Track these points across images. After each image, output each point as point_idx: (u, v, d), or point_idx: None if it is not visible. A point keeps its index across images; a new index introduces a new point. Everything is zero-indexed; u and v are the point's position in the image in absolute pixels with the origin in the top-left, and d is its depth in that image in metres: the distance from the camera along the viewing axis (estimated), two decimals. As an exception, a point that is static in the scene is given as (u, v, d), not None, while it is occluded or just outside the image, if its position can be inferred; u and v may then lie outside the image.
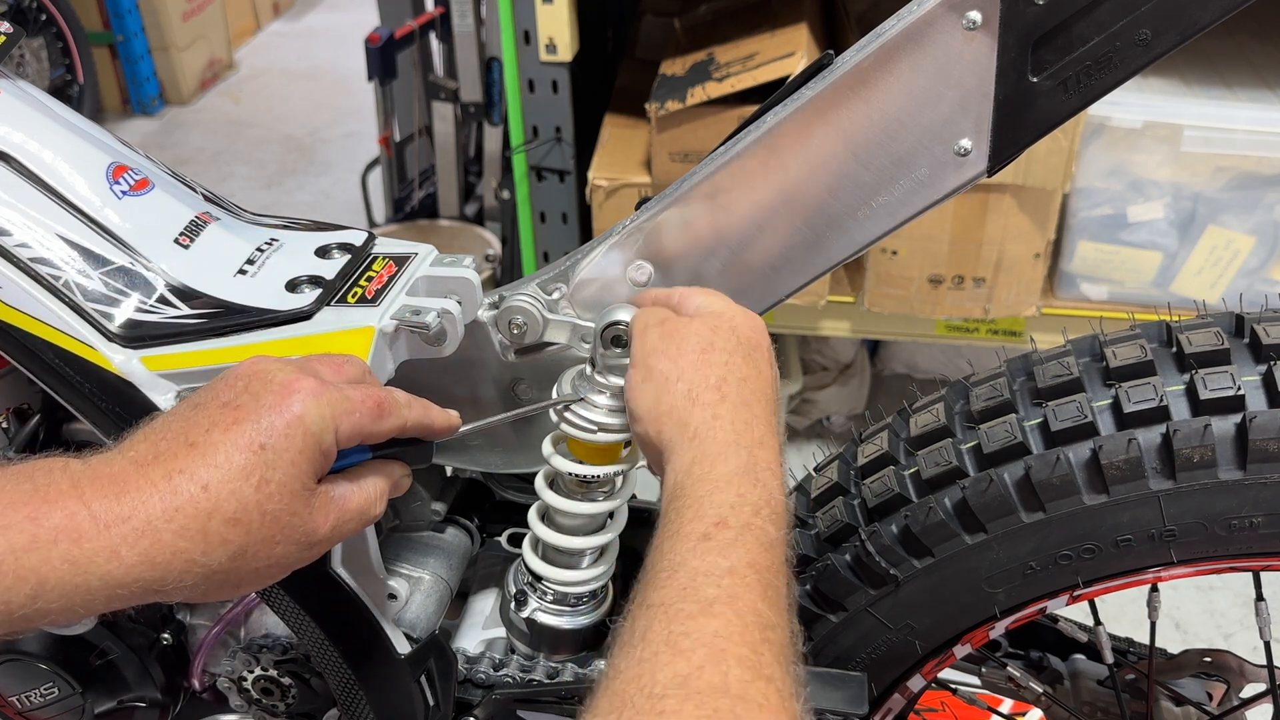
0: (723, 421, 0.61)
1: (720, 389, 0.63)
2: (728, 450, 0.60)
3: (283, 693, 0.88)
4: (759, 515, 0.57)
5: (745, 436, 0.61)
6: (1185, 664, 0.93)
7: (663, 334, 0.66)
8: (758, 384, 0.64)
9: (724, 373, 0.63)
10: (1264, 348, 0.70)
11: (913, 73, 0.65)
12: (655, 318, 0.68)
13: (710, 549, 0.54)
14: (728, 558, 0.54)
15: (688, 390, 0.63)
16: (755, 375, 0.64)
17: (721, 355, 0.64)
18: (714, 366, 0.63)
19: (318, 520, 0.58)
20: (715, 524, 0.55)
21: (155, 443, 0.56)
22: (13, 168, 0.71)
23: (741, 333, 0.66)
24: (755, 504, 0.57)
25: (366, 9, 2.83)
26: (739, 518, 0.56)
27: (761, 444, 0.61)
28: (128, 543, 0.53)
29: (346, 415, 0.59)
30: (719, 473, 0.58)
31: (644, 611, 0.53)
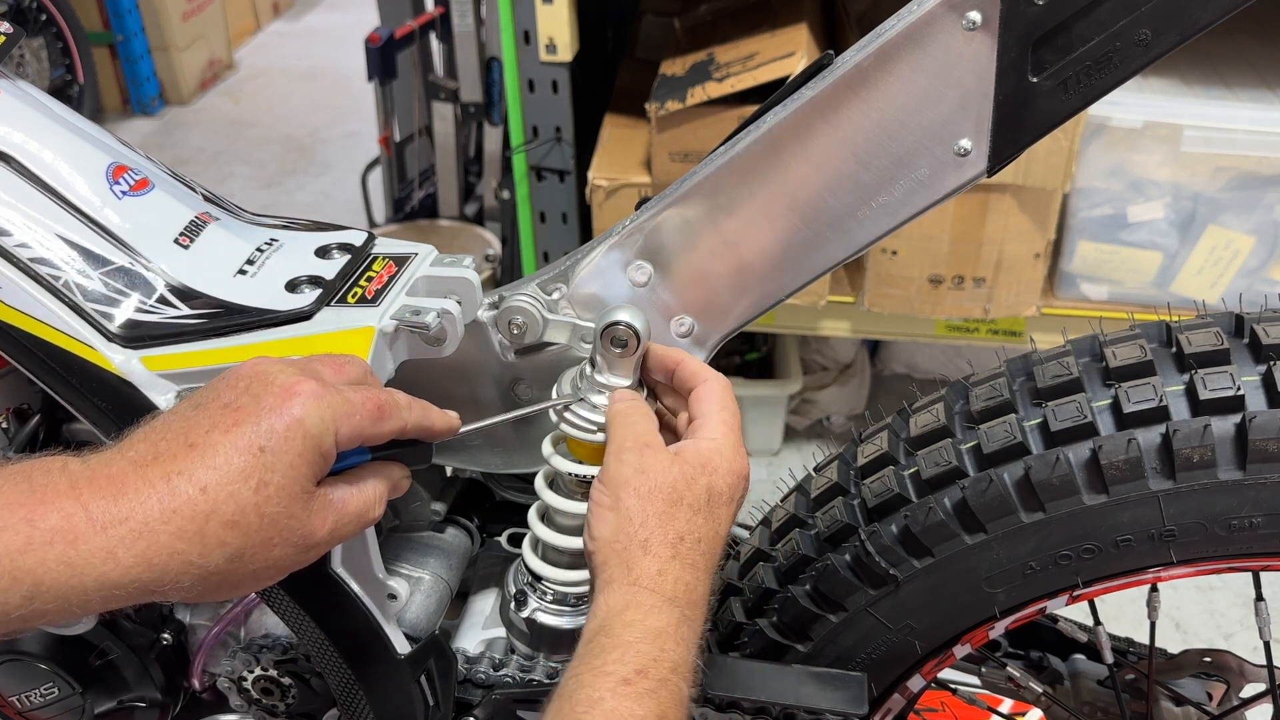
0: (667, 579, 0.63)
1: (676, 547, 0.65)
2: (663, 606, 0.62)
3: (283, 693, 0.88)
4: (676, 673, 0.60)
5: (683, 597, 0.63)
6: (1185, 664, 0.93)
7: (640, 467, 0.67)
8: (712, 545, 0.67)
9: (684, 530, 0.65)
10: (1264, 348, 0.70)
11: (913, 73, 0.65)
12: (638, 438, 0.68)
13: (628, 693, 0.58)
14: (644, 706, 0.57)
15: (645, 539, 0.64)
16: (712, 536, 0.67)
17: (687, 513, 0.66)
18: (677, 522, 0.65)
19: (316, 523, 0.58)
20: (637, 671, 0.59)
21: (155, 443, 0.56)
22: (13, 168, 0.71)
23: (716, 488, 0.67)
24: (675, 662, 0.60)
25: (366, 9, 2.83)
26: (659, 671, 0.59)
27: (695, 605, 0.64)
28: (124, 544, 0.53)
29: (347, 418, 0.59)
30: (650, 624, 0.61)
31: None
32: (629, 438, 0.68)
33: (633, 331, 0.71)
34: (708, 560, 0.66)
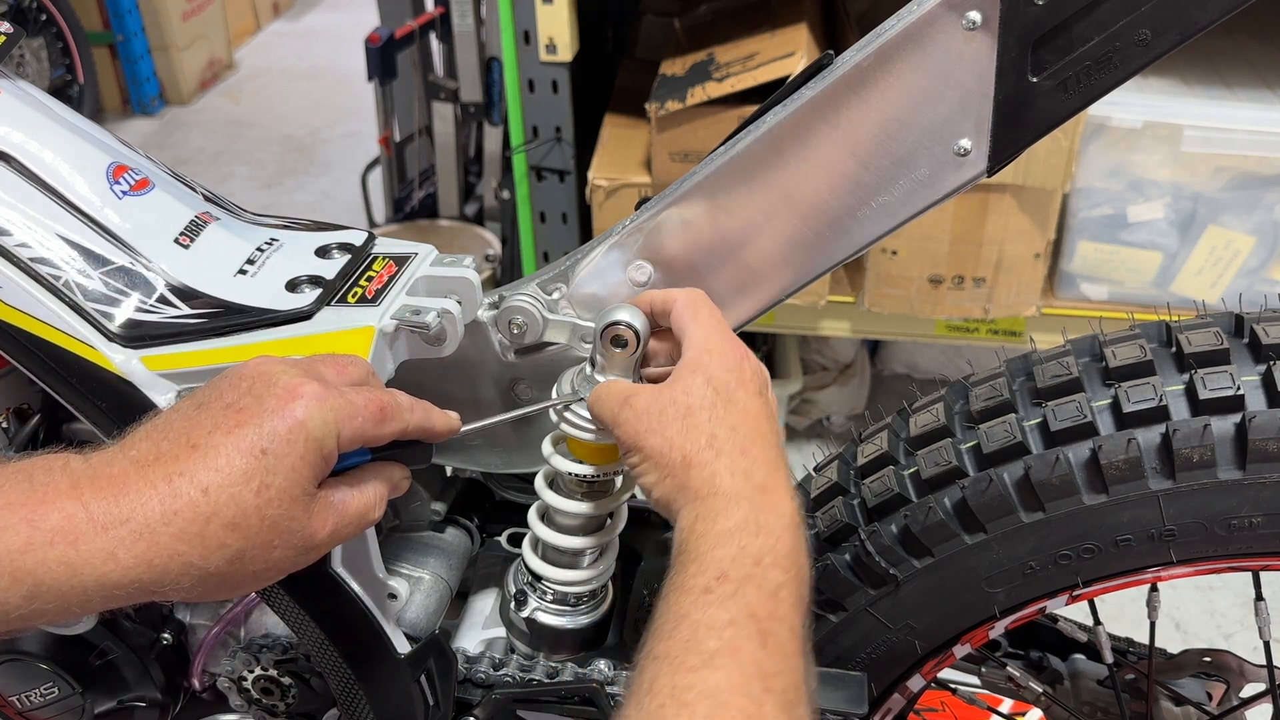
0: (721, 477, 0.62)
1: (713, 445, 0.63)
2: (728, 505, 0.60)
3: (283, 692, 0.88)
4: (760, 565, 0.58)
5: (745, 486, 0.61)
6: (1185, 664, 0.93)
7: (636, 413, 0.66)
8: (750, 425, 0.64)
9: (712, 429, 0.63)
10: (1263, 348, 0.70)
11: (913, 73, 0.65)
12: (617, 398, 0.68)
13: (711, 602, 0.56)
14: (728, 610, 0.55)
15: (682, 458, 0.63)
16: (744, 418, 0.64)
17: (704, 414, 0.64)
18: (700, 427, 0.64)
19: (316, 525, 0.58)
20: (717, 578, 0.57)
21: (157, 442, 0.56)
22: (13, 168, 0.71)
23: (718, 379, 0.65)
24: (756, 554, 0.58)
25: (366, 9, 2.83)
26: (740, 570, 0.57)
27: (763, 489, 0.62)
28: (125, 545, 0.53)
29: (349, 420, 0.59)
30: (720, 529, 0.59)
31: (651, 663, 0.55)
32: (609, 407, 0.68)
33: (633, 331, 0.71)
34: (756, 438, 0.64)
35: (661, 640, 0.55)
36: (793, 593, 0.58)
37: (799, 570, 0.60)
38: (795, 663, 0.55)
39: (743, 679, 0.52)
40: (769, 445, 0.64)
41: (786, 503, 0.62)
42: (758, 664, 0.53)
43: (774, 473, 0.63)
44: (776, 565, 0.58)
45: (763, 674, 0.53)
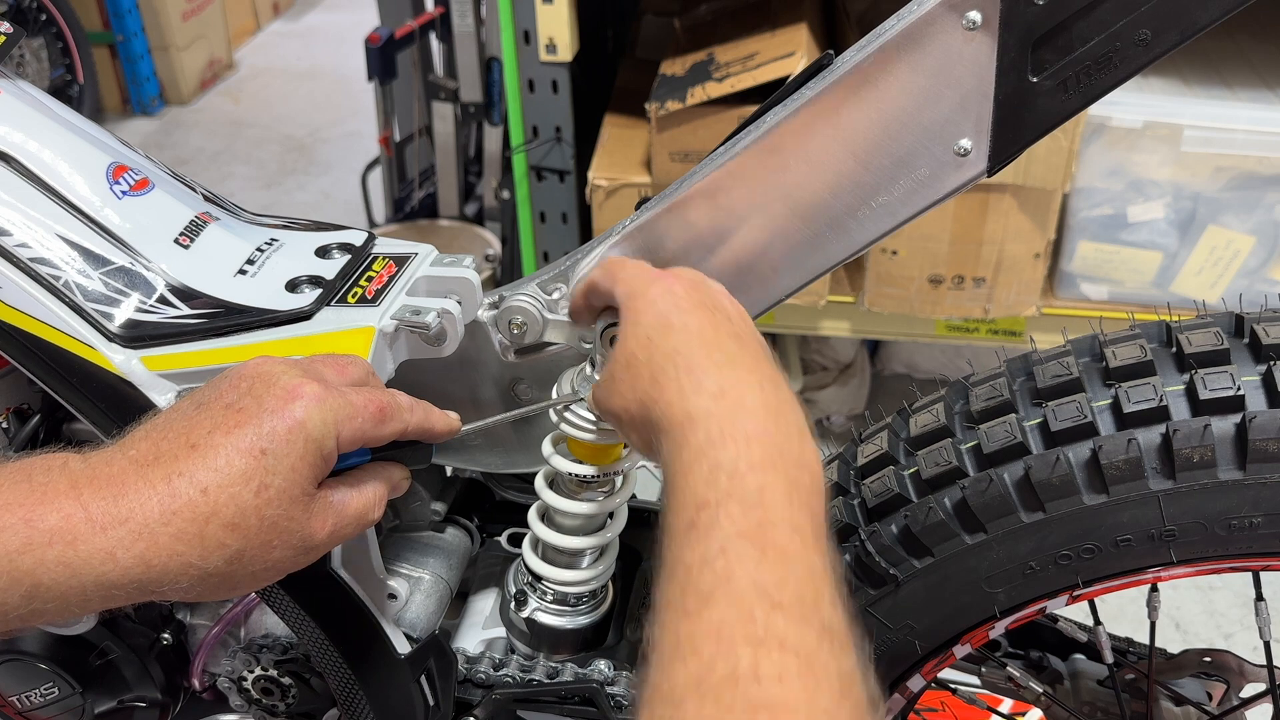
0: (674, 404, 0.58)
1: (658, 380, 0.60)
2: (688, 426, 0.56)
3: (283, 693, 0.88)
4: (735, 476, 0.53)
5: (699, 400, 0.57)
6: (1185, 664, 0.93)
7: (601, 390, 0.66)
8: (694, 340, 0.61)
9: (653, 364, 0.60)
10: (1264, 348, 0.70)
11: (913, 73, 0.65)
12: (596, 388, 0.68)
13: (697, 538, 0.52)
14: (715, 539, 0.51)
15: (638, 404, 0.61)
16: (686, 337, 0.61)
17: (642, 354, 0.62)
18: (642, 368, 0.61)
19: (315, 525, 0.58)
20: (696, 509, 0.53)
21: (156, 442, 0.56)
22: (13, 168, 0.71)
23: (646, 319, 0.63)
24: (729, 466, 0.54)
25: (366, 9, 2.83)
26: (715, 490, 0.53)
27: (719, 394, 0.57)
28: (124, 545, 0.53)
29: (349, 420, 0.59)
30: (687, 455, 0.56)
31: (654, 618, 0.52)
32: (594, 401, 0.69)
33: (633, 331, 0.70)
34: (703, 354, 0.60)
35: (660, 591, 0.52)
36: (779, 489, 0.53)
37: (784, 458, 0.55)
38: (802, 563, 0.51)
39: (744, 607, 0.48)
40: (721, 350, 0.60)
41: (751, 395, 0.58)
42: (756, 584, 0.49)
43: (730, 372, 0.59)
44: (752, 469, 0.54)
45: (764, 592, 0.49)
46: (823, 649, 0.47)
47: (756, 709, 0.44)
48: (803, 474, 0.56)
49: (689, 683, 0.46)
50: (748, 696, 0.45)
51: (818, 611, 0.49)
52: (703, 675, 0.46)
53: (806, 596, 0.49)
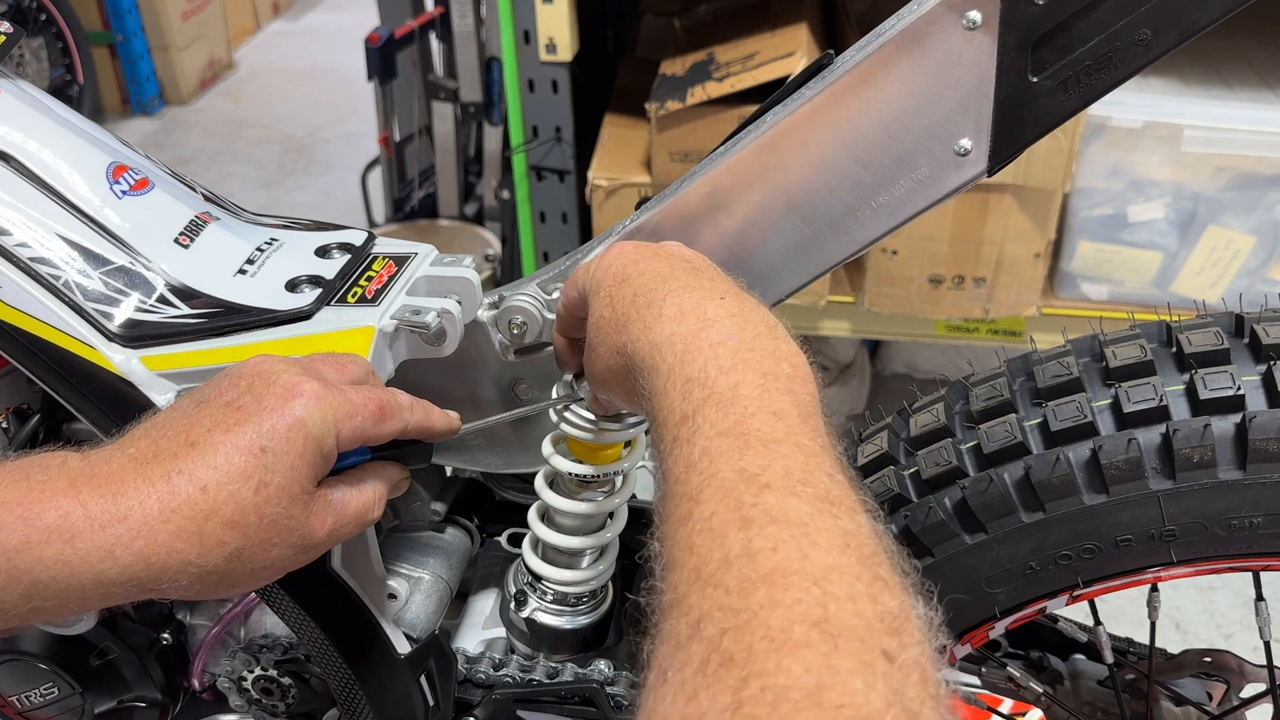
0: (640, 341, 0.58)
1: (625, 328, 0.60)
2: (654, 356, 0.56)
3: (283, 693, 0.88)
4: (706, 384, 0.53)
5: (660, 327, 0.57)
6: (1185, 664, 0.93)
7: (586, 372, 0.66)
8: (649, 283, 0.61)
9: (617, 319, 0.61)
10: (1264, 348, 0.70)
11: (913, 73, 0.65)
12: None
13: (681, 449, 0.51)
14: (697, 444, 0.50)
15: (614, 354, 0.61)
16: (643, 282, 0.61)
17: (607, 314, 0.62)
18: (608, 326, 0.61)
19: (315, 524, 0.58)
20: (678, 423, 0.52)
21: (156, 440, 0.56)
22: (13, 167, 0.71)
23: (603, 284, 0.63)
24: (699, 377, 0.53)
25: (366, 8, 2.83)
26: (690, 401, 0.52)
27: (680, 317, 0.57)
28: (122, 543, 0.53)
29: (348, 419, 0.59)
30: (660, 381, 0.55)
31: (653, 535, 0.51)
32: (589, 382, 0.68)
33: (633, 331, 0.70)
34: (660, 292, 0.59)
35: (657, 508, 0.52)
36: (753, 383, 0.53)
37: (753, 355, 0.54)
38: (787, 443, 0.50)
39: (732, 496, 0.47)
40: (678, 280, 0.60)
41: (712, 307, 0.57)
42: (741, 471, 0.48)
43: (688, 295, 0.58)
44: (723, 372, 0.53)
45: (750, 477, 0.47)
46: (819, 515, 0.46)
47: (754, 583, 0.43)
48: (778, 365, 0.55)
49: (688, 579, 0.45)
50: (743, 574, 0.43)
51: (810, 484, 0.48)
52: (699, 567, 0.45)
53: (795, 472, 0.48)
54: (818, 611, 0.41)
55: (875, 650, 0.41)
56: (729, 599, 0.43)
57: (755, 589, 0.43)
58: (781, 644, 0.40)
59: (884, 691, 0.39)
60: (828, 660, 0.40)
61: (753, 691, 0.39)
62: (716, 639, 0.41)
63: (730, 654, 0.41)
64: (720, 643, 0.41)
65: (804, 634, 0.40)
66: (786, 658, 0.40)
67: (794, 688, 0.39)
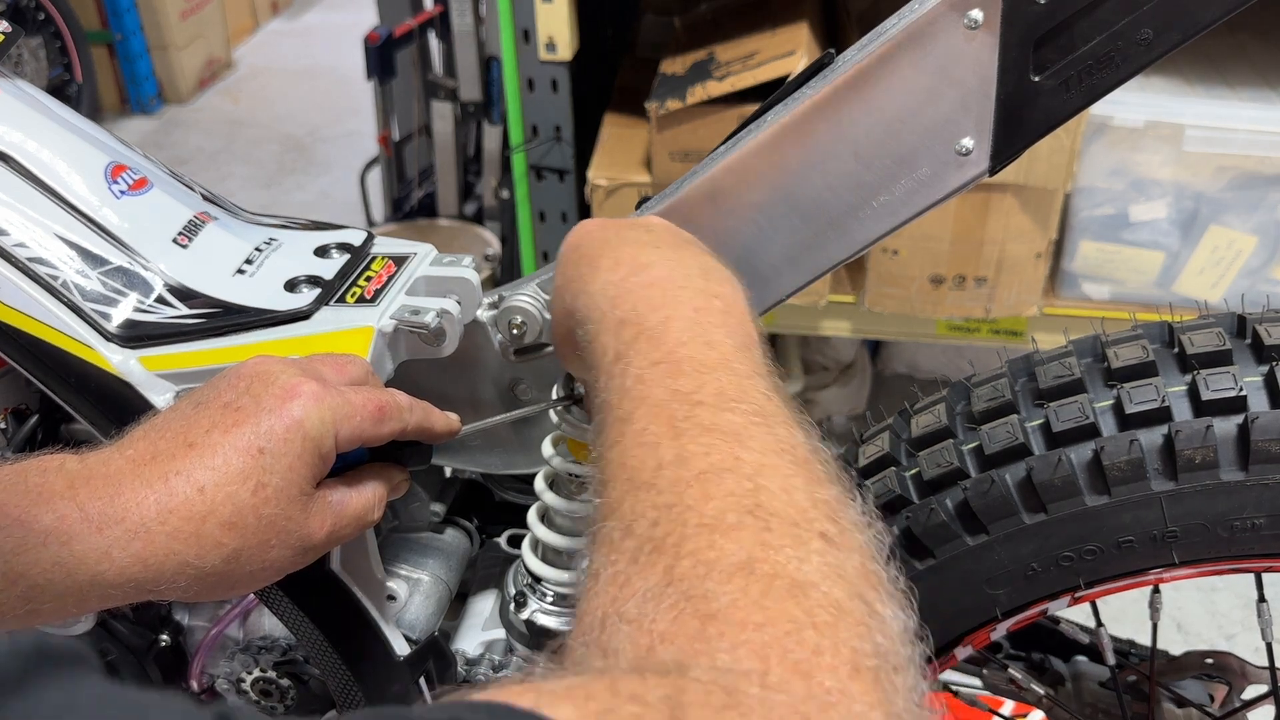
0: (579, 297, 0.59)
1: (569, 290, 0.60)
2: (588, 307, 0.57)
3: (281, 694, 0.88)
4: (636, 322, 0.53)
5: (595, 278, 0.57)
6: (1187, 665, 0.93)
7: None
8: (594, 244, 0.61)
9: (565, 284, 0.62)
10: (1266, 348, 0.70)
11: (914, 72, 0.65)
12: None
13: (614, 380, 0.51)
14: (629, 375, 0.50)
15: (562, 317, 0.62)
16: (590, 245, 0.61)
17: (561, 281, 0.63)
18: (561, 290, 0.62)
19: (314, 525, 0.58)
20: (610, 362, 0.52)
21: (154, 441, 0.56)
22: (11, 167, 0.71)
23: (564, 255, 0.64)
24: (631, 317, 0.53)
25: (365, 8, 2.83)
26: (622, 339, 0.53)
27: (614, 267, 0.58)
28: (120, 544, 0.52)
29: (347, 419, 0.59)
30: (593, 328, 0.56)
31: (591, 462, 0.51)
32: None
33: (633, 332, 0.70)
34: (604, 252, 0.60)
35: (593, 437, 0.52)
36: (684, 317, 0.52)
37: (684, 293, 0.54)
38: (723, 369, 0.49)
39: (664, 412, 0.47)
40: (622, 240, 0.61)
41: (644, 255, 0.58)
42: (673, 391, 0.48)
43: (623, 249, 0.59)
44: (653, 309, 0.53)
45: (682, 396, 0.47)
46: (752, 425, 0.45)
47: (685, 482, 0.43)
48: (710, 301, 0.54)
49: (622, 489, 0.45)
50: (675, 476, 0.43)
51: (744, 402, 0.47)
52: (633, 477, 0.45)
53: (729, 391, 0.48)
54: (749, 501, 0.41)
55: (812, 532, 0.41)
56: (660, 497, 0.42)
57: (689, 486, 0.42)
58: (714, 527, 0.40)
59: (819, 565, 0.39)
60: (760, 537, 0.39)
61: (684, 568, 0.39)
62: (648, 531, 0.41)
63: (661, 541, 0.40)
64: (652, 533, 0.41)
65: (736, 519, 0.40)
66: (719, 538, 0.39)
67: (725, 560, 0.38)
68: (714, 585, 0.37)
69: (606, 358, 0.53)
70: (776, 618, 0.36)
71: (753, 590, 0.37)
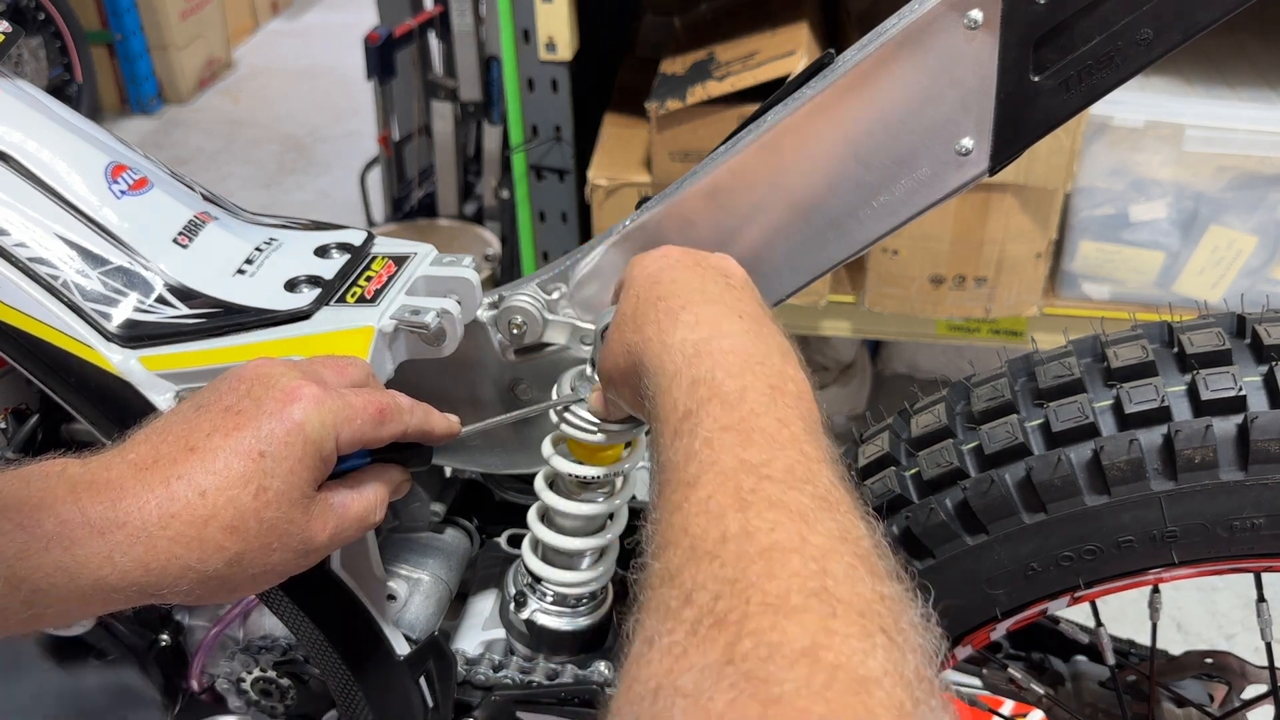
0: (652, 342, 0.59)
1: (642, 329, 0.60)
2: (663, 357, 0.57)
3: (282, 694, 0.88)
4: (713, 385, 0.53)
5: (674, 331, 0.58)
6: (1187, 665, 0.93)
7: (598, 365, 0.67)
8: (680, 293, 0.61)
9: (638, 318, 0.61)
10: (1265, 348, 0.70)
11: (914, 72, 0.65)
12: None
13: (681, 440, 0.51)
14: (698, 436, 0.50)
15: (624, 353, 0.61)
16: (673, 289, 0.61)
17: (630, 313, 0.62)
18: (627, 323, 0.62)
19: (315, 528, 0.58)
20: (680, 418, 0.52)
21: (156, 445, 0.56)
22: (11, 167, 0.71)
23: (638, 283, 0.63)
24: (706, 377, 0.54)
25: (365, 7, 2.83)
26: (695, 398, 0.53)
27: (695, 324, 0.58)
28: (122, 549, 0.52)
29: (348, 422, 0.59)
30: (665, 380, 0.55)
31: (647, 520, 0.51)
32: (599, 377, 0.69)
33: (633, 332, 0.70)
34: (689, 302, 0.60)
35: (651, 494, 0.52)
36: (760, 391, 0.53)
37: (763, 368, 0.55)
38: (792, 448, 0.49)
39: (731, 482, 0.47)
40: (704, 293, 0.61)
41: (729, 322, 0.58)
42: (743, 463, 0.48)
43: (710, 307, 0.59)
44: (731, 375, 0.53)
45: (751, 468, 0.47)
46: (818, 509, 0.45)
47: (750, 557, 0.42)
48: (786, 383, 0.55)
49: (683, 557, 0.45)
50: (740, 550, 0.43)
51: (811, 483, 0.47)
52: (695, 545, 0.45)
53: (797, 471, 0.48)
54: (815, 583, 0.41)
55: (874, 625, 0.40)
56: (724, 570, 0.42)
57: (753, 562, 0.42)
58: (778, 608, 0.40)
59: (883, 660, 0.39)
60: (825, 624, 0.39)
61: (745, 647, 0.38)
62: (709, 604, 0.41)
63: (723, 616, 0.40)
64: (714, 606, 0.41)
65: (801, 601, 0.40)
66: (783, 619, 0.39)
67: (789, 644, 0.38)
68: (776, 670, 0.37)
69: (675, 414, 0.53)
70: (840, 712, 0.36)
71: (816, 680, 0.37)
